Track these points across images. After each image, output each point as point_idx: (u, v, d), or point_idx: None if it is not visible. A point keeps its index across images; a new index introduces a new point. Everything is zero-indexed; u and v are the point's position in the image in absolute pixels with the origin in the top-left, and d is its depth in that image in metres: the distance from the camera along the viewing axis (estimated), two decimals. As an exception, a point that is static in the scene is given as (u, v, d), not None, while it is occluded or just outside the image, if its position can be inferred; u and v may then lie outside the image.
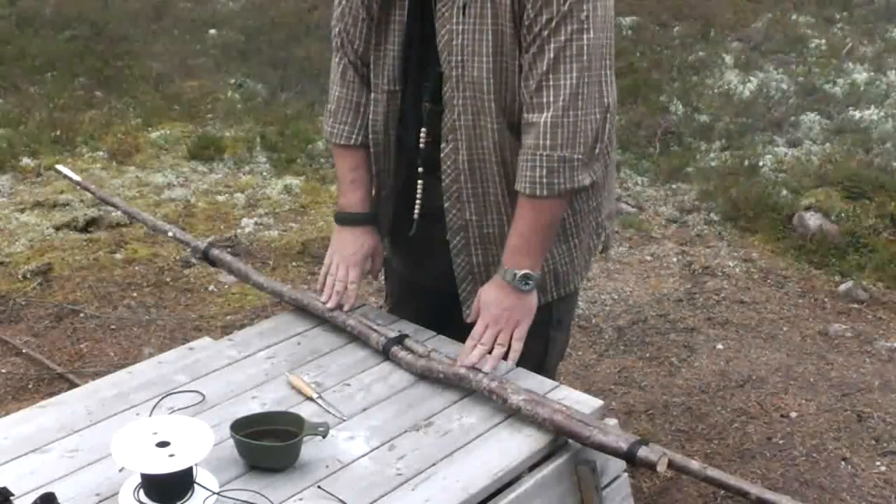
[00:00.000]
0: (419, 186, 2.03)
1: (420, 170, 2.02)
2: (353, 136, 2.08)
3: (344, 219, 2.11)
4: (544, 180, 1.82)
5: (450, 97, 1.88)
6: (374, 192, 2.15)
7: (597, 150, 1.86)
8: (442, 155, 1.93)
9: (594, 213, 2.06)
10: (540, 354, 2.12)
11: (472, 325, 2.00)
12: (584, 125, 1.81)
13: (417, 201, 2.04)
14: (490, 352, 1.91)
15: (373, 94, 2.02)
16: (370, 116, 2.04)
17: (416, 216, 2.05)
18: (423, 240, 2.07)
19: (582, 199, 2.01)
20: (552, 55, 1.77)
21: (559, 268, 2.05)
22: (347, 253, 2.10)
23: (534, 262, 1.90)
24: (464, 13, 1.81)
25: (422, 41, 1.91)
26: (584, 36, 1.77)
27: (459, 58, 1.84)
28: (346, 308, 2.09)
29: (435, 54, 1.88)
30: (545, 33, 1.76)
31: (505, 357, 1.92)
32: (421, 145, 1.98)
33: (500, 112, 1.86)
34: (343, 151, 2.10)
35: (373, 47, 1.98)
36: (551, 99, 1.79)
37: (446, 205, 1.97)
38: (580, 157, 1.82)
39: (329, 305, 2.09)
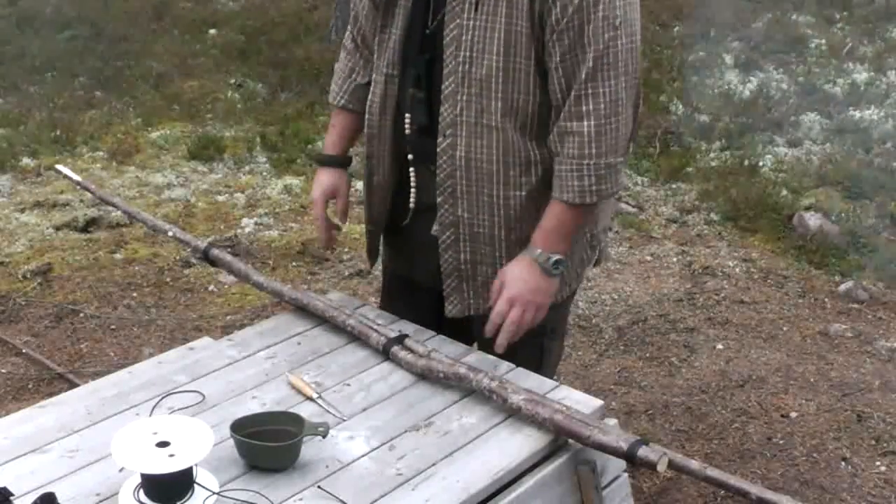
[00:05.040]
0: (412, 175, 2.02)
1: (410, 157, 2.01)
2: (337, 98, 2.17)
3: (315, 158, 2.20)
4: (594, 188, 1.83)
5: (452, 91, 1.87)
6: (365, 178, 2.15)
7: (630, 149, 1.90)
8: (438, 149, 1.92)
9: (588, 226, 2.04)
10: (535, 365, 2.11)
11: (460, 320, 2.03)
12: (624, 129, 1.83)
13: (412, 190, 2.04)
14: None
15: (374, 76, 2.03)
16: (368, 97, 2.05)
17: (411, 205, 2.05)
18: (415, 236, 2.07)
19: None
20: (590, 63, 1.77)
21: None
22: (315, 190, 2.22)
23: (566, 249, 1.90)
24: (476, 9, 1.81)
25: (423, 29, 1.91)
26: (619, 42, 1.77)
27: (468, 54, 1.83)
28: (325, 243, 2.26)
29: (433, 43, 1.88)
30: (580, 40, 1.75)
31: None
32: (406, 131, 1.98)
33: (505, 111, 1.85)
34: (335, 108, 2.21)
35: (378, 29, 1.99)
36: (591, 107, 1.79)
37: (439, 199, 1.96)
38: (622, 159, 1.85)
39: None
